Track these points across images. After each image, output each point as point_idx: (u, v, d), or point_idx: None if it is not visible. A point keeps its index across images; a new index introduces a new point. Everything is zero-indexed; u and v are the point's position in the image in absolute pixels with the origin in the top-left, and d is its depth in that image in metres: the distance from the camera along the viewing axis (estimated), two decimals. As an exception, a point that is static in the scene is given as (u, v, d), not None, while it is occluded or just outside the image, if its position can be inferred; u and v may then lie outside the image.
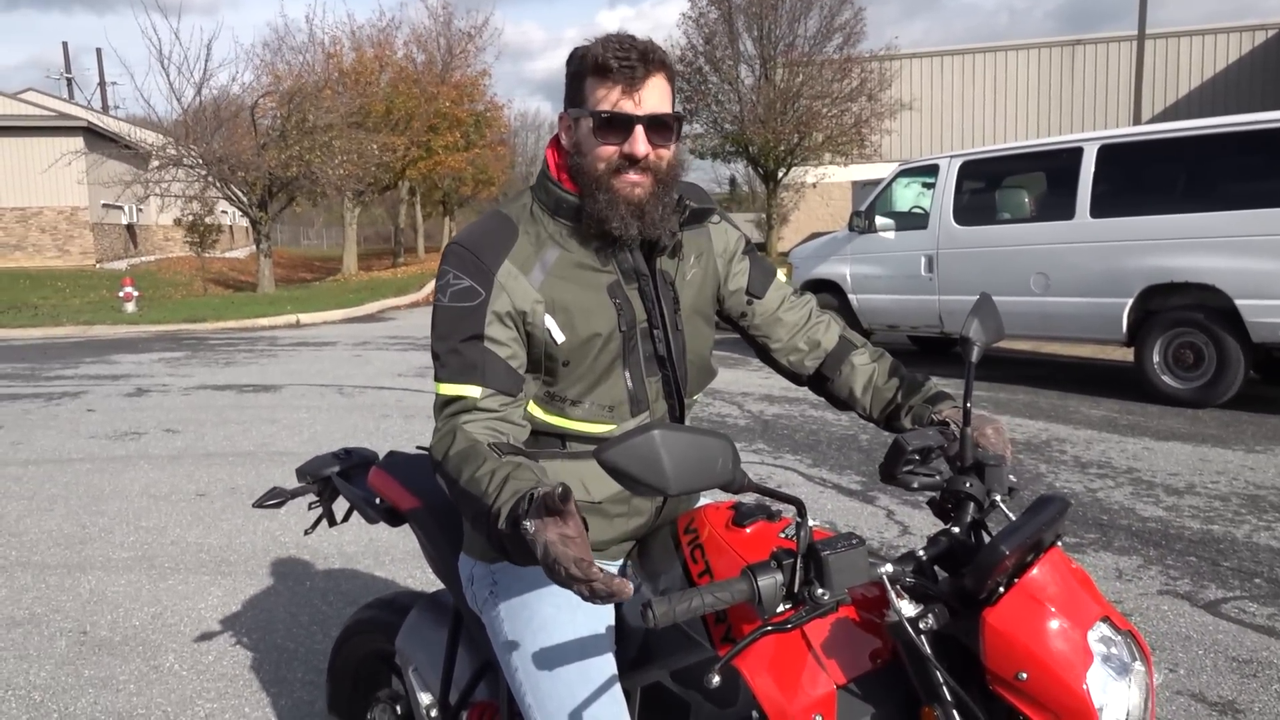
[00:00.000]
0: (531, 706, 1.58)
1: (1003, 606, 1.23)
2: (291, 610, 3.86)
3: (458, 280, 1.57)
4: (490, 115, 35.69)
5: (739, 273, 1.82)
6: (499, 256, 1.58)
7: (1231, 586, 3.88)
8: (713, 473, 1.17)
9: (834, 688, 1.35)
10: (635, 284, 1.65)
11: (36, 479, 6.00)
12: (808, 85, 26.72)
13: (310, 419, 7.66)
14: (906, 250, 9.35)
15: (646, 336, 1.65)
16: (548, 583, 1.63)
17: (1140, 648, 1.27)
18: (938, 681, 1.26)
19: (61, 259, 29.19)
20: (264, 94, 24.42)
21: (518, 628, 1.63)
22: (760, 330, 1.84)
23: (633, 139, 1.54)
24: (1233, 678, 3.13)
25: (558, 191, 1.63)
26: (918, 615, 1.27)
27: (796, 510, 1.28)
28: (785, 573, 1.26)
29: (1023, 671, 1.20)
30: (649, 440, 1.12)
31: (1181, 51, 28.32)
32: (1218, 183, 7.19)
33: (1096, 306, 7.82)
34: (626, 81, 1.53)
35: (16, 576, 4.33)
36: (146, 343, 13.93)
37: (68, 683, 3.29)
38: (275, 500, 2.33)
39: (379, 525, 4.79)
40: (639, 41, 1.56)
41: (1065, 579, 1.26)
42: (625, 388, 1.64)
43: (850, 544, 1.26)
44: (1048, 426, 6.86)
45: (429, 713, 2.04)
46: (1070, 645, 1.20)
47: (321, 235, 63.51)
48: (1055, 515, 1.28)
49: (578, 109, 1.58)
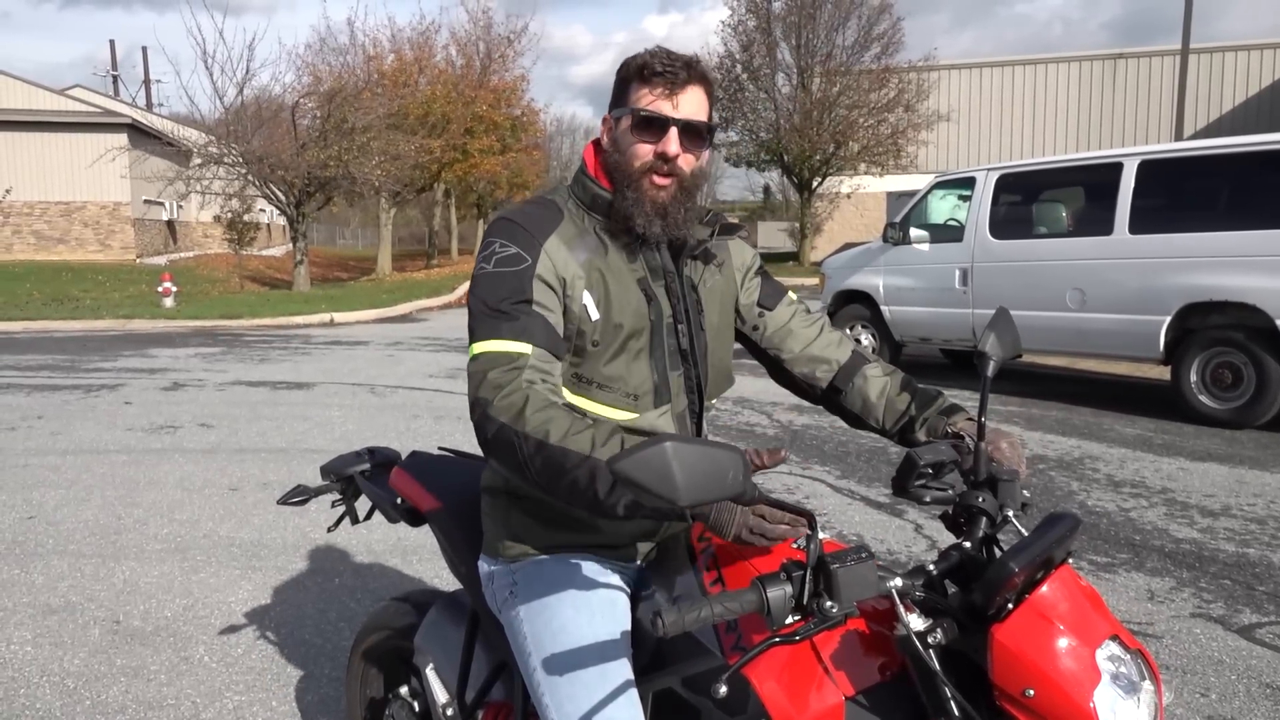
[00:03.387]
0: (549, 707, 1.60)
1: (1011, 623, 1.23)
2: (320, 606, 3.90)
3: (504, 248, 1.61)
4: (527, 120, 35.87)
5: (752, 288, 1.89)
6: (546, 231, 1.64)
7: (1267, 611, 3.82)
8: (724, 485, 1.18)
9: (842, 699, 1.36)
10: (662, 281, 1.71)
11: (74, 469, 6.10)
12: (844, 95, 26.67)
13: (342, 417, 7.73)
14: (941, 263, 9.29)
15: (672, 331, 1.70)
16: (567, 585, 1.66)
17: (1149, 667, 1.27)
18: (945, 697, 1.26)
19: (103, 253, 29.67)
20: (304, 94, 24.70)
21: (536, 629, 1.65)
22: (772, 343, 1.89)
23: (666, 138, 1.62)
24: (1265, 704, 3.08)
25: (594, 187, 1.70)
26: (926, 630, 1.28)
27: (807, 523, 1.30)
28: (794, 585, 1.26)
29: (1030, 688, 1.20)
30: (660, 452, 1.12)
31: (1226, 66, 27.95)
32: (1259, 200, 7.08)
33: (1133, 324, 7.72)
34: (667, 85, 1.61)
35: (53, 564, 4.41)
36: (184, 338, 14.13)
37: (100, 671, 3.35)
38: (299, 498, 2.37)
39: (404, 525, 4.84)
40: (685, 54, 1.65)
41: (1074, 596, 1.26)
42: (650, 378, 1.68)
43: (860, 557, 1.27)
44: (1080, 444, 6.78)
45: (445, 711, 2.06)
46: (1078, 663, 1.20)
47: (357, 235, 64.09)
48: (1066, 533, 1.28)
49: (620, 109, 1.67)
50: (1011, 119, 30.37)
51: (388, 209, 30.58)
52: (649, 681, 1.61)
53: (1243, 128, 25.62)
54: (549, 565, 1.70)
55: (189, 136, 24.26)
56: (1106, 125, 29.13)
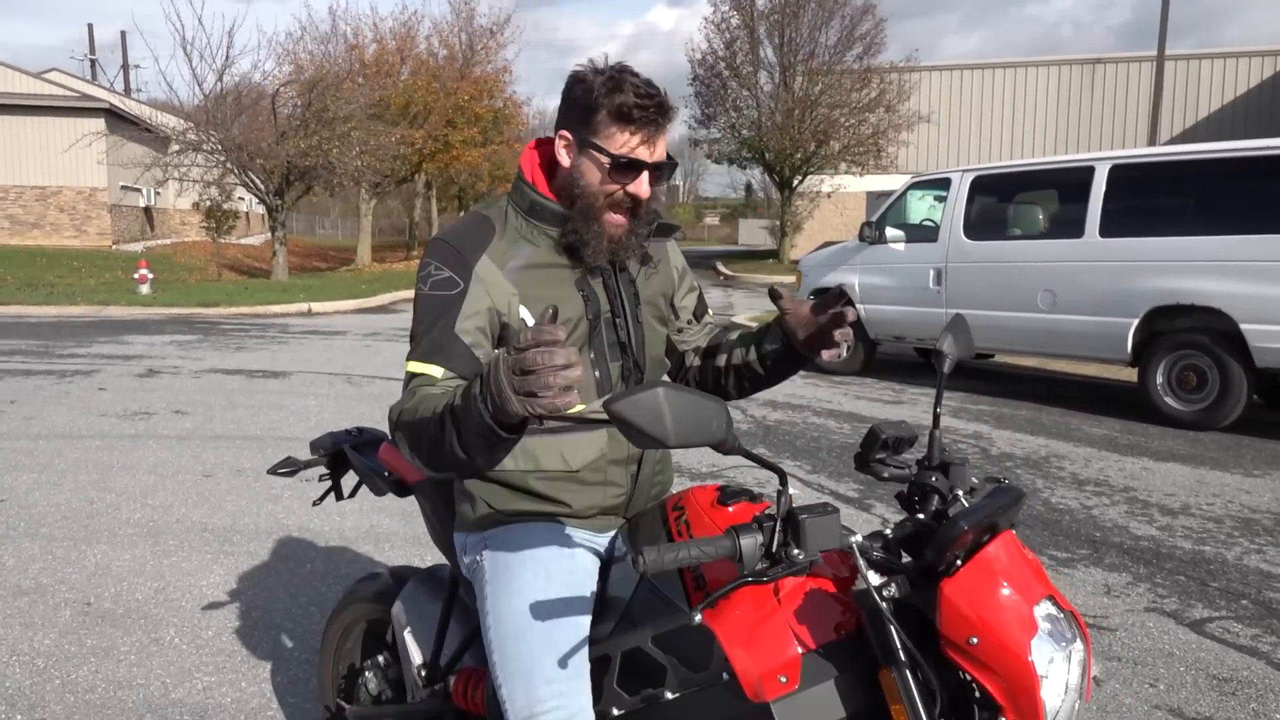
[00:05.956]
0: (496, 665, 1.68)
1: (959, 578, 1.34)
2: (291, 591, 3.93)
3: (439, 271, 1.68)
4: (509, 112, 35.79)
5: (689, 302, 2.01)
6: (477, 251, 1.69)
7: (1218, 606, 3.92)
8: (708, 431, 1.28)
9: (800, 652, 1.46)
10: (599, 277, 1.77)
11: (47, 454, 6.09)
12: (826, 94, 26.79)
13: (318, 406, 7.74)
14: (916, 262, 9.39)
15: (610, 325, 1.78)
16: (531, 551, 1.74)
17: (1080, 629, 1.38)
18: (896, 645, 1.38)
19: (79, 239, 29.42)
20: (285, 83, 24.56)
21: (496, 590, 1.73)
22: (687, 344, 2.02)
23: (639, 181, 1.68)
24: (1211, 695, 3.18)
25: (532, 194, 1.75)
26: (882, 585, 1.39)
27: (779, 478, 1.40)
28: (765, 534, 1.39)
29: (974, 636, 1.31)
30: (654, 395, 1.22)
31: (1203, 74, 28.29)
32: (1226, 206, 7.22)
33: (1102, 325, 7.85)
34: (647, 132, 1.66)
35: (24, 547, 4.42)
36: (159, 325, 14.06)
37: (70, 651, 3.37)
38: (287, 469, 2.42)
39: (379, 512, 4.87)
40: (656, 92, 1.67)
41: (1016, 558, 1.37)
42: (591, 372, 1.76)
43: (826, 511, 1.39)
44: (1048, 443, 6.90)
45: (419, 673, 2.14)
46: (1018, 615, 1.31)
47: (337, 225, 63.74)
48: (1011, 502, 1.40)
49: (592, 146, 1.67)
50: (991, 121, 30.61)
51: (368, 199, 30.47)
52: (617, 641, 1.68)
53: (1218, 134, 25.94)
54: (517, 531, 1.77)
55: (167, 123, 24.09)
56: (1085, 129, 29.41)
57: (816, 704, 1.45)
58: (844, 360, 10.15)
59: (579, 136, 1.68)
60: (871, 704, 1.45)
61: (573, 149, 1.70)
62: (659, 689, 1.59)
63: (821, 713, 1.45)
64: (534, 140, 1.83)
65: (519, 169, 1.80)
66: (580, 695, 1.63)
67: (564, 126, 1.71)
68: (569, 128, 1.70)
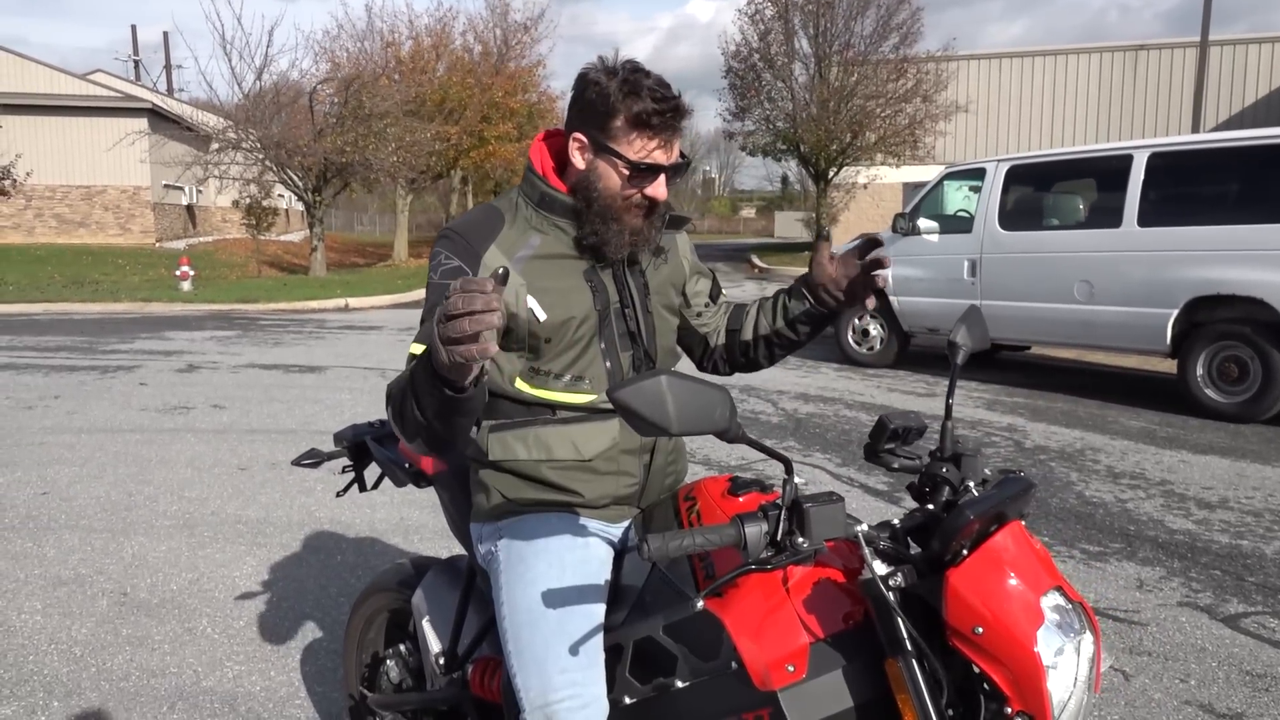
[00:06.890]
0: (511, 654, 1.70)
1: (965, 567, 1.33)
2: (321, 582, 3.99)
3: (448, 260, 1.70)
4: (543, 107, 35.87)
5: (702, 291, 2.01)
6: (486, 241, 1.71)
7: (1254, 601, 3.85)
8: (711, 419, 1.29)
9: (808, 642, 1.46)
10: (609, 269, 1.78)
11: (89, 447, 6.23)
12: (862, 85, 26.51)
13: (352, 400, 7.83)
14: (950, 253, 9.28)
15: (619, 316, 1.79)
16: (545, 541, 1.76)
17: (1090, 620, 1.36)
18: (902, 635, 1.37)
19: (123, 237, 29.94)
20: (323, 80, 24.81)
21: (511, 580, 1.75)
22: (707, 326, 2.03)
23: (658, 184, 1.70)
24: (1244, 690, 3.13)
25: (543, 187, 1.76)
26: (888, 574, 1.39)
27: (784, 468, 1.39)
28: (770, 522, 1.39)
29: (979, 626, 1.30)
30: (657, 384, 1.23)
31: (1250, 59, 27.63)
32: (1267, 194, 7.05)
33: (1141, 316, 7.72)
34: (664, 136, 1.67)
35: (65, 539, 4.52)
36: (200, 321, 14.29)
37: (106, 640, 3.45)
38: (311, 460, 2.45)
39: (409, 504, 4.92)
40: (672, 94, 1.67)
41: (1024, 548, 1.36)
42: (602, 362, 1.77)
43: (831, 500, 1.39)
44: (1084, 435, 6.80)
45: (438, 661, 2.17)
46: (1024, 605, 1.30)
47: (374, 221, 64.27)
48: (1020, 492, 1.40)
49: (609, 151, 1.67)
50: (1031, 111, 30.15)
51: (405, 195, 30.69)
52: (630, 630, 1.70)
53: (1265, 121, 25.34)
54: (531, 522, 1.79)
55: (208, 121, 24.42)
56: (1127, 118, 28.86)
57: (824, 693, 1.46)
58: (876, 353, 10.09)
59: (595, 140, 1.68)
60: (879, 693, 1.45)
61: (588, 151, 1.70)
62: (670, 678, 1.61)
63: (829, 702, 1.46)
64: (542, 132, 1.85)
65: (529, 161, 1.82)
66: (594, 684, 1.64)
67: (578, 128, 1.70)
68: (583, 130, 1.69)
